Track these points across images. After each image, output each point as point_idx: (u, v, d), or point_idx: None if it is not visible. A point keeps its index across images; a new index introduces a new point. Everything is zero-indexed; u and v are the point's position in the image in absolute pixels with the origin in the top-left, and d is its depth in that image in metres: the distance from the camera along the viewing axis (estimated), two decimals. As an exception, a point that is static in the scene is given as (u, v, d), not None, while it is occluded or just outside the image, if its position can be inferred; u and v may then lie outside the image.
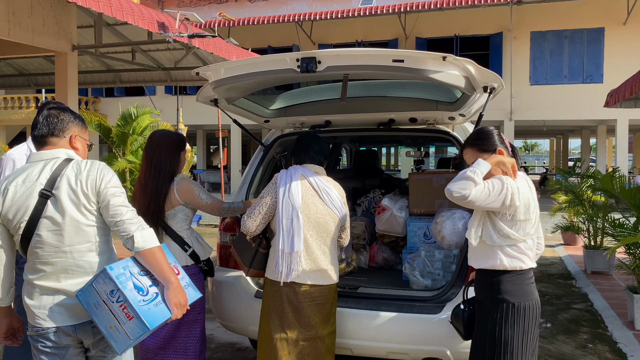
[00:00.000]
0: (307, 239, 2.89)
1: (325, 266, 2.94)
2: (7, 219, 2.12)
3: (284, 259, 2.87)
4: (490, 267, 2.51)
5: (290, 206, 2.88)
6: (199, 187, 3.16)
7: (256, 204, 2.97)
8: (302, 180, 2.96)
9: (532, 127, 22.20)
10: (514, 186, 2.43)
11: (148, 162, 3.11)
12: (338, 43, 19.41)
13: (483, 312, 2.55)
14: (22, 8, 7.13)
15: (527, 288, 2.49)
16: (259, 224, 2.94)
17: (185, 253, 3.09)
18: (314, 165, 3.07)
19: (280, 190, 2.92)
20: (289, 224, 2.87)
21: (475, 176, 2.40)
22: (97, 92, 22.47)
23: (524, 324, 2.45)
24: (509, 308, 2.45)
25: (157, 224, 3.02)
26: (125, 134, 11.95)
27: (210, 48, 8.06)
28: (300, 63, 2.74)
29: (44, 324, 2.13)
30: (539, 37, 17.75)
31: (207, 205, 3.16)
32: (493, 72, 2.88)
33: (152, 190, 3.04)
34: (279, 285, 2.90)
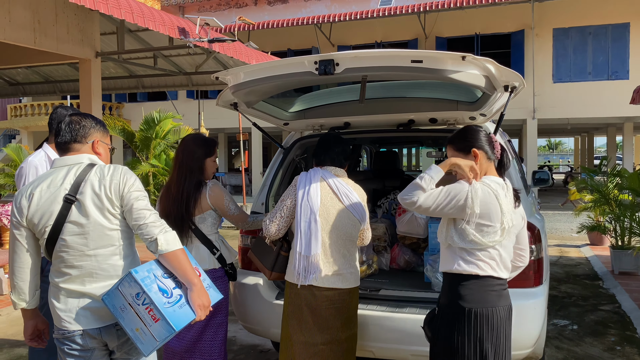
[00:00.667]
0: (326, 242, 2.89)
1: (344, 270, 2.92)
2: (33, 223, 2.17)
3: (302, 262, 2.87)
4: (448, 270, 2.45)
5: (309, 209, 2.88)
6: (230, 197, 3.20)
7: (277, 207, 2.98)
8: (321, 182, 2.95)
9: (556, 126, 21.85)
10: (474, 192, 2.32)
11: (178, 166, 3.17)
12: (357, 44, 19.38)
13: (440, 316, 2.49)
14: (47, 17, 7.30)
15: (484, 295, 2.37)
16: (280, 227, 2.95)
17: (214, 256, 3.13)
18: (334, 167, 3.05)
19: (300, 193, 2.92)
20: (306, 227, 2.86)
21: (422, 182, 2.37)
22: (120, 97, 22.83)
23: (478, 331, 2.34)
24: (461, 312, 2.36)
25: (185, 227, 3.07)
26: (149, 139, 12.12)
27: (231, 52, 8.13)
28: (318, 65, 2.74)
29: (70, 326, 2.17)
30: (561, 34, 17.46)
31: (234, 216, 3.21)
32: (514, 71, 2.84)
33: (180, 193, 3.08)
34: (297, 288, 2.90)
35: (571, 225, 12.26)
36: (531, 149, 17.86)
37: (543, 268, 3.15)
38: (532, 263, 3.06)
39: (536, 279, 3.08)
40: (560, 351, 4.49)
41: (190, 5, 22.17)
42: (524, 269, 3.03)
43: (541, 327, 3.10)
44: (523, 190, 3.30)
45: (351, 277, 2.96)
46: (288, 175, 4.07)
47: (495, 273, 2.40)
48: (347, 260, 2.94)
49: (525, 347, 3.02)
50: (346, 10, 18.77)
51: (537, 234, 3.14)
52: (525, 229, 2.60)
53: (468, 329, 2.35)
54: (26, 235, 2.20)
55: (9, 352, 4.57)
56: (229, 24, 17.95)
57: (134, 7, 6.40)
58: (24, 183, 3.20)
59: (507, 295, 2.46)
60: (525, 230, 2.60)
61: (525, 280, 3.05)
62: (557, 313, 5.52)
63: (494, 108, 3.33)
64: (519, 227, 2.53)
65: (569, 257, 8.72)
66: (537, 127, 17.76)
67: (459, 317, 2.37)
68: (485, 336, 2.35)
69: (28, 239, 2.20)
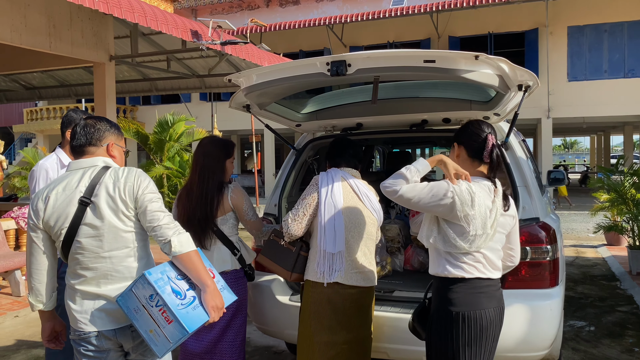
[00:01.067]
0: (349, 240, 2.91)
1: (366, 268, 2.96)
2: (49, 225, 2.19)
3: (326, 259, 2.88)
4: (436, 274, 2.42)
5: (333, 206, 2.91)
6: (249, 203, 3.22)
7: (299, 207, 2.97)
8: (342, 182, 3.00)
9: (571, 125, 21.63)
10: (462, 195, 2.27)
11: (196, 168, 3.18)
12: (369, 45, 19.36)
13: (431, 319, 2.47)
14: (62, 22, 7.39)
15: (471, 297, 2.32)
16: (303, 226, 2.95)
17: (235, 257, 3.15)
18: (350, 168, 3.10)
19: (322, 191, 2.95)
20: (331, 224, 2.88)
21: (407, 172, 2.34)
22: (134, 100, 23.06)
23: (466, 334, 2.31)
24: (450, 316, 2.33)
25: (206, 229, 3.09)
26: (162, 141, 12.21)
27: (243, 54, 8.16)
28: (330, 67, 2.74)
29: (86, 328, 2.19)
30: (576, 32, 17.29)
31: (250, 221, 3.22)
32: (528, 70, 2.81)
33: (199, 196, 3.10)
34: (321, 287, 2.90)
35: (587, 225, 12.11)
36: (546, 148, 17.69)
37: (559, 269, 3.11)
38: (547, 264, 3.03)
39: (552, 279, 3.04)
40: (577, 353, 4.44)
41: (203, 8, 22.31)
42: (540, 270, 3.01)
43: (557, 328, 3.07)
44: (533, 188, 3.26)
45: (371, 275, 2.99)
46: (301, 176, 4.07)
47: (483, 274, 2.35)
48: (367, 259, 2.98)
49: (541, 348, 2.99)
50: (358, 10, 18.76)
51: (552, 234, 3.11)
52: (516, 228, 2.54)
53: (457, 333, 2.31)
54: (43, 237, 2.22)
55: (27, 353, 4.63)
56: (241, 26, 18.05)
57: (147, 10, 6.45)
58: (35, 186, 3.25)
59: (498, 295, 2.41)
60: (517, 230, 2.55)
61: (541, 281, 3.02)
62: (574, 314, 5.46)
63: (508, 107, 3.30)
64: (509, 228, 2.47)
65: (585, 258, 8.61)
66: (552, 126, 17.59)
67: (448, 321, 2.34)
68: (475, 339, 2.31)
69: (44, 241, 2.23)
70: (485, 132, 2.45)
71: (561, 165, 34.10)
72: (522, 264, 3.02)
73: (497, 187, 2.42)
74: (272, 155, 21.59)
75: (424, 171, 2.38)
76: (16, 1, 6.72)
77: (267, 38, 18.94)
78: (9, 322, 5.52)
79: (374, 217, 3.01)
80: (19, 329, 5.30)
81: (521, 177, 3.28)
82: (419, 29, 18.79)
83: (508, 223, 2.46)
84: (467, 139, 2.47)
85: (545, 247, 3.03)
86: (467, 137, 2.47)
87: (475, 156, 2.45)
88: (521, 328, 2.93)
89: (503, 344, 2.92)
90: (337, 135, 3.93)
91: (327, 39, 19.21)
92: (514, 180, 3.25)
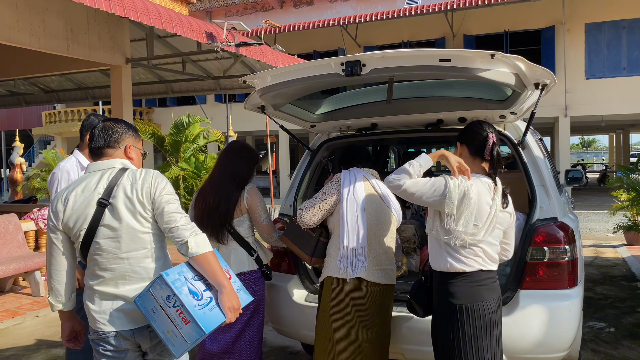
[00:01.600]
0: (370, 237, 2.94)
1: (387, 265, 2.99)
2: (68, 227, 2.22)
3: (349, 255, 2.91)
4: (438, 269, 2.53)
5: (355, 203, 2.94)
6: (264, 205, 3.25)
7: (316, 201, 3.01)
8: (364, 181, 3.05)
9: (589, 123, 21.34)
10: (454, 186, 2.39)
11: (223, 167, 3.23)
12: (384, 44, 19.30)
13: (433, 313, 2.60)
14: (79, 25, 7.49)
15: (473, 290, 2.45)
16: (315, 219, 3.01)
17: (252, 258, 3.18)
18: (369, 169, 3.16)
19: (345, 189, 2.99)
20: (354, 221, 2.91)
21: (410, 168, 2.47)
22: (150, 102, 23.27)
23: (472, 326, 2.42)
24: (453, 309, 2.44)
25: (224, 227, 3.12)
26: (178, 142, 12.29)
27: (257, 56, 8.19)
28: (344, 67, 2.74)
29: (105, 328, 2.21)
30: (594, 29, 17.05)
31: (262, 224, 3.24)
32: (544, 68, 2.78)
33: (224, 193, 3.14)
34: (343, 283, 2.92)
35: (606, 225, 11.94)
36: (564, 147, 17.48)
37: (578, 269, 3.07)
38: (566, 264, 2.99)
39: (570, 280, 3.01)
40: (596, 354, 4.37)
41: (217, 10, 22.45)
42: (558, 270, 2.99)
43: (576, 329, 3.03)
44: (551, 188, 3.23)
45: (392, 273, 3.02)
46: (315, 177, 4.07)
47: (484, 267, 2.48)
48: (388, 257, 3.01)
49: (560, 349, 2.96)
50: (372, 10, 18.72)
51: (570, 234, 3.07)
52: (513, 225, 2.68)
53: (462, 326, 2.42)
54: (62, 238, 2.25)
55: (47, 353, 4.69)
56: (255, 28, 18.12)
57: (163, 13, 6.51)
58: (56, 188, 3.29)
59: (496, 287, 2.54)
60: (514, 226, 2.70)
61: (560, 282, 2.98)
62: (593, 315, 5.38)
63: (525, 106, 3.27)
64: (506, 224, 2.60)
65: (604, 258, 8.49)
66: (570, 125, 17.37)
67: (452, 314, 2.45)
68: (479, 331, 2.42)
69: (64, 242, 2.25)
70: (486, 132, 2.60)
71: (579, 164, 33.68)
72: (540, 264, 3.00)
73: (497, 185, 2.55)
74: (287, 156, 21.64)
75: (426, 166, 2.50)
76: (35, 6, 6.83)
77: (281, 39, 18.99)
78: (29, 322, 5.61)
79: (394, 217, 3.06)
80: (39, 328, 5.38)
81: (538, 177, 3.24)
82: (434, 28, 18.69)
83: (506, 219, 2.59)
84: (469, 138, 2.62)
85: (563, 247, 2.99)
86: (469, 136, 2.62)
87: (477, 154, 2.60)
88: (540, 329, 2.90)
89: (521, 345, 2.90)
90: (352, 136, 3.93)
91: (341, 39, 19.19)
92: (531, 179, 3.22)
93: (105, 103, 20.10)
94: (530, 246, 3.02)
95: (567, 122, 17.15)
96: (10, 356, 4.65)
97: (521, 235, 3.12)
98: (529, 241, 3.04)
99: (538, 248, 3.01)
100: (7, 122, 28.37)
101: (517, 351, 2.91)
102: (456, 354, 2.45)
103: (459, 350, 2.43)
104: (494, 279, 2.53)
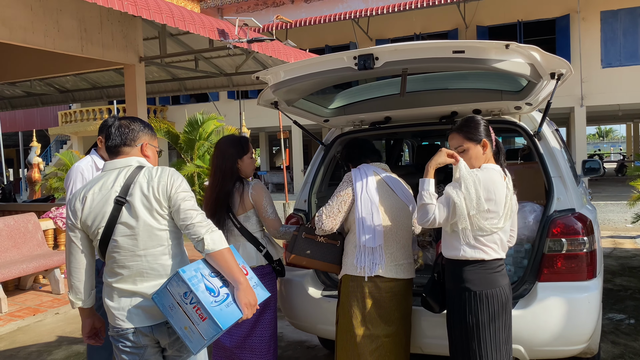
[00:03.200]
0: (386, 233, 2.92)
1: (403, 260, 2.97)
2: (86, 225, 2.25)
3: (366, 254, 2.89)
4: (454, 257, 2.59)
5: (369, 201, 2.91)
6: (270, 199, 3.23)
7: (333, 203, 2.96)
8: (375, 176, 3.01)
9: (605, 112, 21.02)
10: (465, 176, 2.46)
11: (214, 170, 3.24)
12: (396, 37, 19.18)
13: (449, 300, 2.65)
14: (93, 25, 7.55)
15: (490, 277, 2.53)
16: (338, 222, 2.96)
17: (261, 254, 3.18)
18: (379, 163, 3.12)
19: (358, 187, 2.95)
20: (369, 219, 2.89)
21: (427, 199, 2.52)
22: (164, 100, 23.41)
23: (489, 311, 2.50)
24: (471, 296, 2.52)
25: (230, 227, 3.13)
26: (192, 140, 12.38)
27: (269, 51, 8.19)
28: (357, 61, 2.73)
29: (123, 324, 2.24)
30: (610, 17, 16.77)
31: (268, 219, 3.21)
32: (560, 58, 2.74)
33: (221, 194, 3.14)
34: (361, 281, 2.91)
35: (625, 215, 11.78)
36: (580, 137, 17.25)
37: (596, 260, 3.04)
38: (584, 255, 2.96)
39: (589, 271, 2.97)
40: (616, 346, 4.33)
41: (229, 6, 22.48)
42: (576, 262, 2.97)
43: (596, 321, 3.00)
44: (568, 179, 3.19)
45: (410, 267, 3.01)
46: (329, 172, 4.07)
47: (498, 255, 2.57)
48: (405, 251, 3.00)
49: (579, 342, 2.93)
50: (383, 3, 18.59)
51: (589, 225, 3.04)
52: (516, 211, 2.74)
53: (479, 312, 2.51)
54: (80, 237, 2.28)
55: (68, 349, 4.77)
56: (266, 24, 18.11)
57: (175, 11, 6.53)
58: (71, 187, 3.33)
59: (506, 273, 2.64)
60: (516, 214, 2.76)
61: (578, 274, 2.95)
62: (613, 307, 5.32)
63: (540, 97, 3.23)
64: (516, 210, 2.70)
65: (623, 249, 8.38)
66: (586, 115, 17.13)
67: (469, 300, 2.53)
68: (495, 316, 2.51)
69: (82, 240, 2.28)
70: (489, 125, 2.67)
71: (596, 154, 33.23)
72: (558, 255, 2.97)
73: (506, 174, 2.60)
74: (300, 152, 21.64)
75: (433, 186, 2.55)
76: (49, 7, 6.90)
77: (292, 34, 18.97)
78: (49, 319, 5.70)
79: (408, 209, 3.02)
80: (60, 325, 5.46)
81: (555, 168, 3.20)
82: (446, 20, 18.53)
83: (515, 207, 2.67)
84: (490, 134, 2.64)
85: (581, 238, 2.96)
86: (487, 133, 2.63)
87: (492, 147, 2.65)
88: (558, 321, 2.87)
89: (540, 337, 2.88)
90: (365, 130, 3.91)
91: (353, 33, 19.11)
92: (548, 171, 3.19)
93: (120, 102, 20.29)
94: (548, 238, 2.99)
95: (583, 112, 16.93)
96: (33, 352, 4.73)
97: (538, 227, 3.09)
98: (547, 233, 3.00)
99: (556, 240, 2.98)
100: (24, 123, 28.76)
101: (535, 344, 2.89)
102: (474, 339, 2.52)
103: (478, 335, 2.51)
104: (504, 265, 2.62)
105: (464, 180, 2.46)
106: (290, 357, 4.37)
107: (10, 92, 12.69)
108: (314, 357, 4.39)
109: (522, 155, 6.09)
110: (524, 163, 4.28)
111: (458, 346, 2.61)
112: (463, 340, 2.57)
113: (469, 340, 2.54)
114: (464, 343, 2.57)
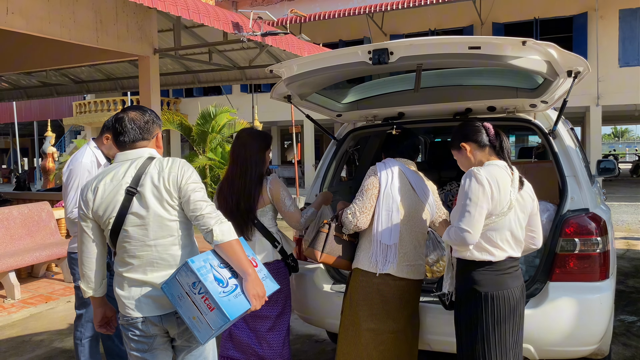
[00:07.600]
0: (402, 232, 2.90)
1: (417, 260, 2.96)
2: (98, 215, 2.26)
3: (381, 250, 2.88)
4: (461, 257, 2.56)
5: (391, 198, 2.90)
6: (288, 193, 3.23)
7: (364, 199, 2.93)
8: (400, 173, 2.98)
9: (622, 112, 20.77)
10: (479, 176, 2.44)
11: (235, 161, 3.21)
12: (410, 33, 19.06)
13: (457, 300, 2.63)
14: (108, 17, 7.58)
15: (498, 278, 2.48)
16: (370, 217, 2.93)
17: (276, 249, 3.19)
18: (405, 159, 3.08)
19: (383, 181, 2.94)
20: (388, 216, 2.88)
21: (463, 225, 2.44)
22: (177, 92, 23.52)
23: (496, 314, 2.46)
24: (478, 297, 2.48)
25: (248, 221, 3.13)
26: (205, 133, 12.42)
27: (283, 45, 8.18)
28: (372, 55, 2.71)
29: (133, 314, 2.25)
30: (628, 15, 16.52)
31: (288, 212, 3.21)
32: (578, 55, 2.70)
33: (240, 189, 3.14)
34: (371, 276, 2.90)
35: (639, 217, 11.64)
36: (595, 137, 17.06)
37: (609, 261, 3.00)
38: (597, 256, 2.93)
39: (602, 272, 2.94)
40: (627, 349, 4.28)
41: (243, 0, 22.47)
42: (589, 262, 2.93)
43: (607, 323, 2.97)
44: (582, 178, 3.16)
45: (421, 268, 3.00)
46: (341, 166, 4.06)
47: (508, 254, 2.50)
48: (417, 252, 2.98)
49: (590, 343, 2.90)
50: (398, -2, 18.46)
51: (602, 225, 3.00)
52: (537, 211, 2.64)
53: (485, 313, 2.47)
54: (92, 226, 2.29)
55: (78, 337, 4.81)
56: (281, 17, 18.09)
57: (190, 3, 6.54)
58: (77, 184, 3.26)
59: (520, 274, 2.57)
60: (537, 212, 2.66)
61: (591, 274, 2.92)
62: (625, 309, 5.26)
63: (556, 95, 3.19)
64: (530, 208, 2.58)
65: (637, 250, 8.29)
66: (602, 114, 16.93)
67: (477, 301, 2.49)
68: (503, 318, 2.46)
69: (94, 230, 2.30)
70: (480, 123, 2.66)
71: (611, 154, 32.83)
72: (570, 256, 2.94)
73: (513, 171, 2.56)
74: (312, 146, 21.63)
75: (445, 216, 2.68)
76: (65, -3, 6.94)
77: (306, 28, 18.92)
78: (61, 306, 5.77)
79: (427, 211, 2.99)
80: (71, 313, 5.51)
81: (570, 167, 3.17)
82: (462, 16, 18.37)
83: (528, 203, 2.56)
84: (471, 134, 2.63)
85: (595, 239, 2.93)
86: (469, 133, 2.64)
87: (484, 144, 2.61)
88: (570, 322, 2.85)
89: (550, 337, 2.86)
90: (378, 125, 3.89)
91: (367, 28, 19.02)
92: (562, 170, 3.15)
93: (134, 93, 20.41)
94: (561, 237, 2.96)
95: (599, 112, 16.73)
96: (44, 339, 4.79)
97: (551, 227, 3.06)
98: (559, 232, 2.97)
99: (568, 239, 2.95)
100: (39, 113, 29.06)
101: (546, 344, 2.86)
102: (479, 341, 2.49)
103: (482, 336, 2.48)
104: (517, 267, 2.56)
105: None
106: (299, 350, 4.38)
107: (26, 81, 12.80)
108: (322, 350, 4.40)
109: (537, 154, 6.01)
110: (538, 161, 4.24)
111: (464, 347, 2.59)
112: (468, 342, 2.55)
113: (474, 342, 2.51)
114: (469, 344, 2.55)
